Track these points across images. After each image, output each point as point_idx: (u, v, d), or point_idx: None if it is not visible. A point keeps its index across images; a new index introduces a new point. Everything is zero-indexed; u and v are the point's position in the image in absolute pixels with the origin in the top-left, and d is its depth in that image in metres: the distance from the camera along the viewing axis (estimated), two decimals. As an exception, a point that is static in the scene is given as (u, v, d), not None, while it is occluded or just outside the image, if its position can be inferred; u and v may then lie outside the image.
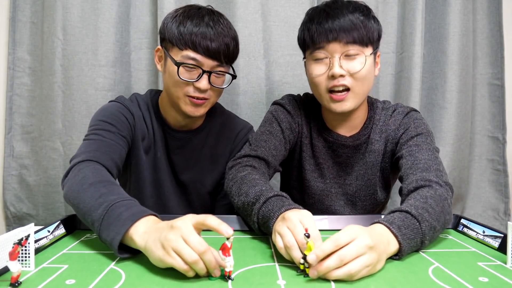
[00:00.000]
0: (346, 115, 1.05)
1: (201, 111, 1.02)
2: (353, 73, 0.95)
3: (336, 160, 1.11)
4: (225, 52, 0.97)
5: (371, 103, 1.11)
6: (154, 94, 1.14)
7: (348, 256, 0.60)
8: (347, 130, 1.08)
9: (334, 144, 1.09)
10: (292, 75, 1.53)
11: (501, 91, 1.68)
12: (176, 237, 0.61)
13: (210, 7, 1.04)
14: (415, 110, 1.10)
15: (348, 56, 0.95)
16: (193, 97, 0.99)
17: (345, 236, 0.62)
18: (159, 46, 1.04)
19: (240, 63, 1.50)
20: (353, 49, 0.94)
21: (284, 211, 0.74)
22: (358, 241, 0.62)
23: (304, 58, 1.05)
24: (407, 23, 1.56)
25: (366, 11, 0.98)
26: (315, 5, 1.49)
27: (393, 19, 1.60)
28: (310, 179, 1.13)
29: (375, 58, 1.02)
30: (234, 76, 1.04)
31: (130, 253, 0.70)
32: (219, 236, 0.62)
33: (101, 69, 1.47)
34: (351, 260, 0.61)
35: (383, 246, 0.67)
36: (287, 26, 1.52)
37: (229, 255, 0.60)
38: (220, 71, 0.99)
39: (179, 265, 0.60)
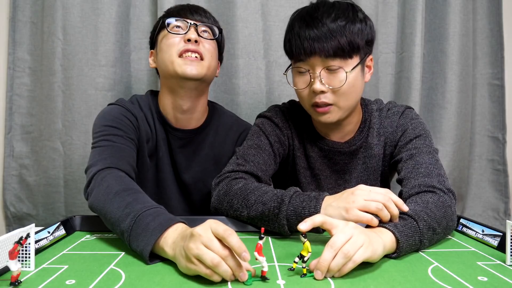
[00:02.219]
0: (336, 123, 1.00)
1: (198, 69, 1.02)
2: (334, 89, 0.91)
3: (334, 168, 1.07)
4: (205, 11, 1.09)
5: (365, 105, 1.07)
6: (154, 94, 1.14)
7: (352, 250, 0.62)
8: (341, 136, 1.05)
9: (330, 152, 1.05)
10: (292, 75, 1.53)
11: (501, 91, 1.68)
12: (196, 244, 0.60)
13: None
14: (409, 108, 1.07)
15: (329, 70, 0.91)
16: (187, 51, 1.01)
17: (340, 239, 0.63)
18: (152, 50, 1.12)
19: (240, 63, 1.50)
20: (333, 63, 0.89)
21: (322, 198, 0.80)
22: (354, 236, 0.64)
23: (290, 65, 1.00)
24: (407, 23, 1.56)
25: (350, 14, 0.90)
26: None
27: (393, 19, 1.59)
28: (307, 191, 1.06)
29: (363, 66, 0.96)
30: (220, 30, 1.10)
31: (160, 259, 0.71)
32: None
33: (101, 69, 1.47)
34: (355, 252, 0.63)
35: (373, 231, 0.70)
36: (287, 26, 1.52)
37: (262, 256, 0.61)
38: (205, 25, 1.06)
39: (202, 270, 0.60)
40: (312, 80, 0.92)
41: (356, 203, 0.75)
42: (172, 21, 1.04)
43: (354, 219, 0.73)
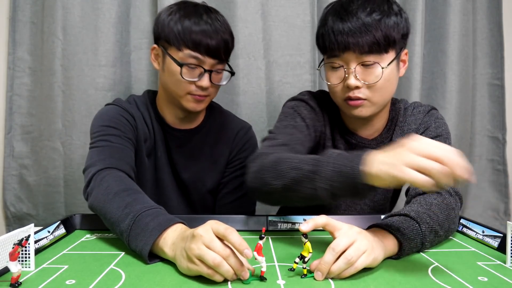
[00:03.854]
0: (367, 119, 0.98)
1: (202, 106, 1.05)
2: (369, 84, 0.89)
3: None
4: (225, 49, 1.00)
5: (393, 103, 1.05)
6: (152, 94, 1.14)
7: (355, 256, 0.62)
8: (369, 133, 1.03)
9: (356, 147, 1.03)
10: (292, 75, 1.53)
11: (501, 91, 1.67)
12: (198, 245, 0.61)
13: (204, 3, 1.06)
14: (435, 108, 1.06)
15: (364, 66, 0.88)
16: (195, 95, 1.00)
17: (343, 242, 0.63)
18: (155, 45, 1.05)
19: (240, 63, 1.49)
20: (369, 59, 0.87)
21: (364, 156, 0.67)
22: (357, 242, 0.64)
23: (323, 59, 0.98)
24: (407, 23, 1.56)
25: (385, 8, 0.88)
26: (315, 5, 1.51)
27: (393, 19, 1.59)
28: None
29: (398, 61, 0.94)
30: (232, 73, 1.07)
31: (160, 258, 0.71)
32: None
33: (101, 69, 1.47)
34: (358, 258, 0.62)
35: (375, 236, 0.69)
36: (287, 26, 1.52)
37: (262, 256, 0.61)
38: (219, 69, 1.02)
39: (203, 270, 0.60)
40: (347, 75, 0.89)
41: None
42: (186, 57, 0.96)
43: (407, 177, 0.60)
